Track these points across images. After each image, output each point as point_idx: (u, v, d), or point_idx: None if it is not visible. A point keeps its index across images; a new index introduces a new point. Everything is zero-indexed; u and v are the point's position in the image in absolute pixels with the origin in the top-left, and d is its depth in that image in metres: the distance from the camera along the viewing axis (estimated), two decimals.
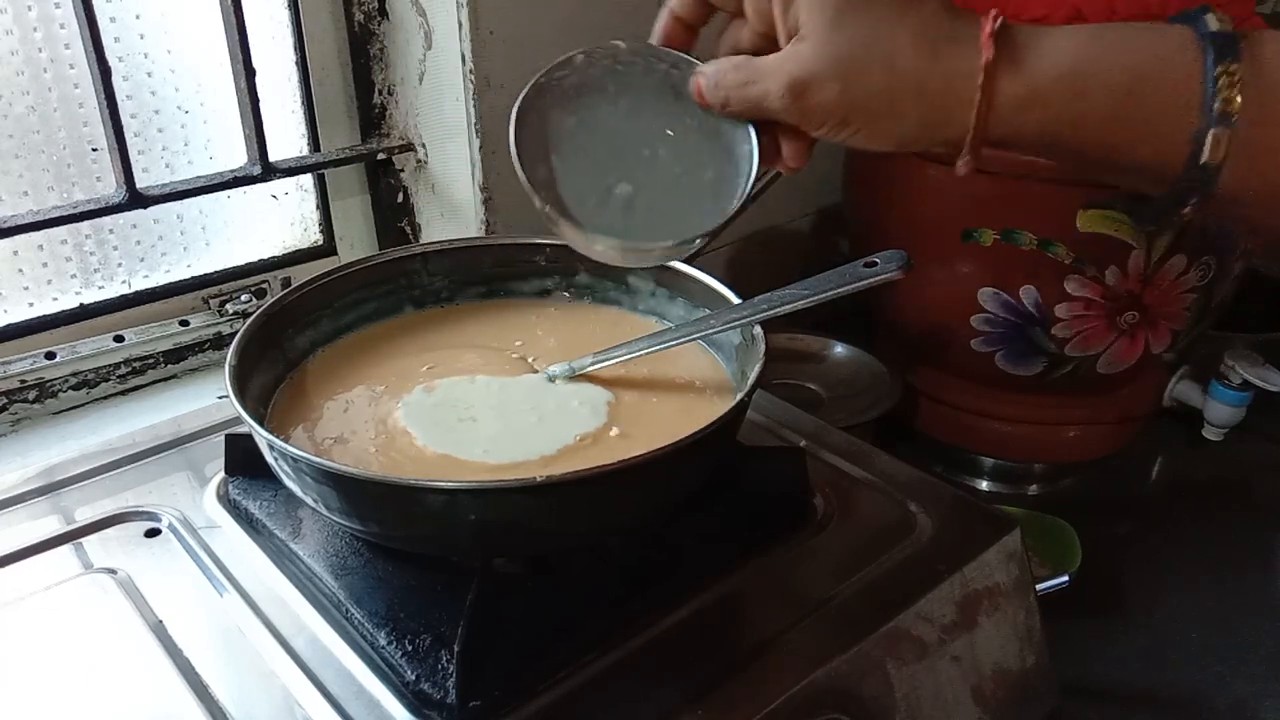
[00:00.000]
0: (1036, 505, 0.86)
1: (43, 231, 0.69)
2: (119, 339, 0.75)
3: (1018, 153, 0.42)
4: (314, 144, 0.81)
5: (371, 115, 0.82)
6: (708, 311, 0.58)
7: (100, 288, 0.75)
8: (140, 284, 0.77)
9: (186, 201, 0.74)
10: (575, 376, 0.56)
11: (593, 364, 0.56)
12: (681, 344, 0.55)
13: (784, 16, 0.41)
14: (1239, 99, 0.37)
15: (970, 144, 0.40)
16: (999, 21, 0.39)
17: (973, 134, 0.40)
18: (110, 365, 0.75)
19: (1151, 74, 0.38)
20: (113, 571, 0.52)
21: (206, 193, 0.73)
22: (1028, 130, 0.40)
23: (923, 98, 0.40)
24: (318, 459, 0.43)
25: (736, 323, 0.53)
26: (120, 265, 0.75)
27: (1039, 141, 0.40)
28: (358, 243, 0.87)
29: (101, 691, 0.45)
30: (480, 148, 0.75)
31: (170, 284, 0.78)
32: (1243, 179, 0.38)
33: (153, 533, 0.56)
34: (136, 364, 0.77)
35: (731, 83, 0.43)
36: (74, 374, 0.74)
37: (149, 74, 0.72)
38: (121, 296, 0.76)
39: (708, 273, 0.59)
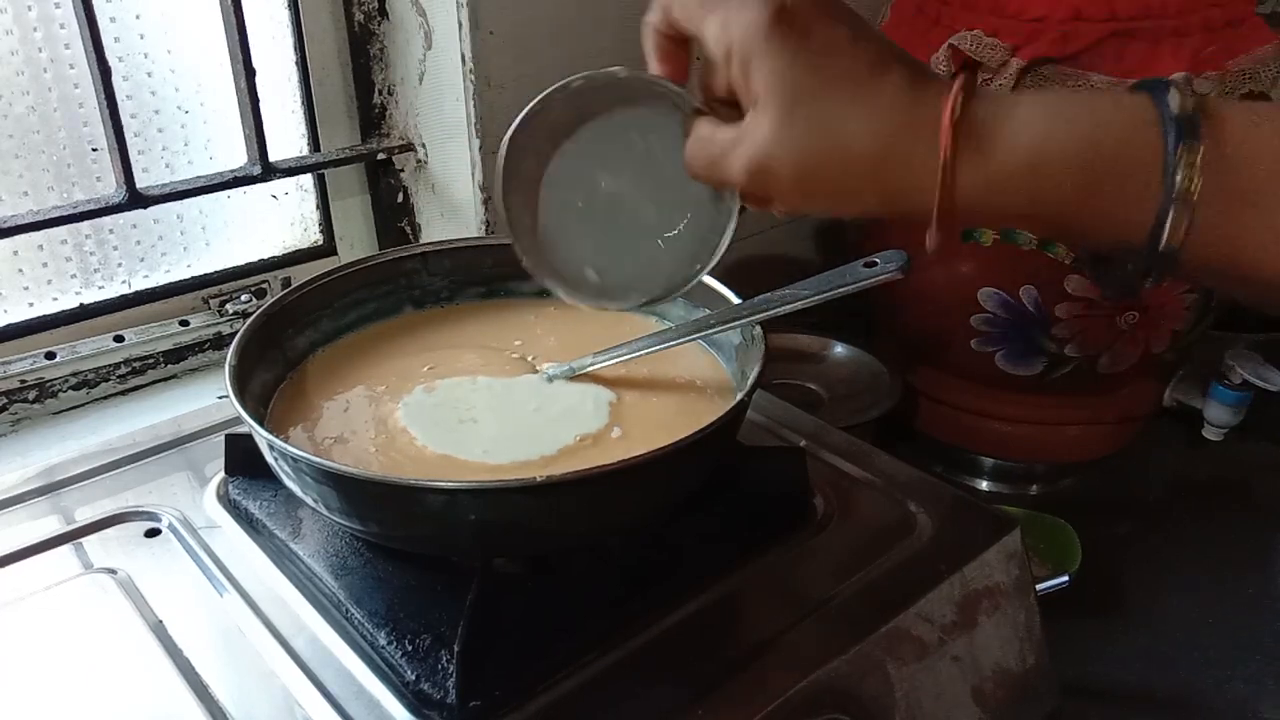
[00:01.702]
0: (1036, 505, 0.86)
1: (43, 231, 0.68)
2: (119, 339, 0.75)
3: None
4: (314, 144, 0.81)
5: (371, 115, 0.82)
6: (708, 312, 0.58)
7: (100, 288, 0.75)
8: (140, 284, 0.77)
9: (186, 201, 0.74)
10: (575, 376, 0.56)
11: (592, 364, 0.56)
12: (681, 344, 0.55)
13: (744, 84, 0.40)
14: (1199, 181, 0.35)
15: (935, 227, 0.39)
16: (958, 101, 0.37)
17: (935, 220, 0.39)
18: (110, 365, 0.75)
19: (1111, 154, 0.37)
20: (113, 571, 0.52)
21: (206, 193, 0.73)
22: (990, 212, 0.40)
23: (879, 181, 0.39)
24: (318, 459, 0.43)
25: (736, 323, 0.53)
26: (120, 265, 0.75)
27: (1001, 220, 0.40)
28: (358, 243, 0.87)
29: (101, 691, 0.45)
30: (480, 148, 0.75)
31: (170, 284, 0.78)
32: (1204, 257, 0.36)
33: (153, 533, 0.56)
34: (136, 364, 0.77)
35: (700, 159, 0.43)
36: (74, 374, 0.74)
37: (149, 74, 0.72)
38: (121, 296, 0.76)
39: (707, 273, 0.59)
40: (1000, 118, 0.38)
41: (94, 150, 0.70)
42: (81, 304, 0.74)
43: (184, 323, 0.78)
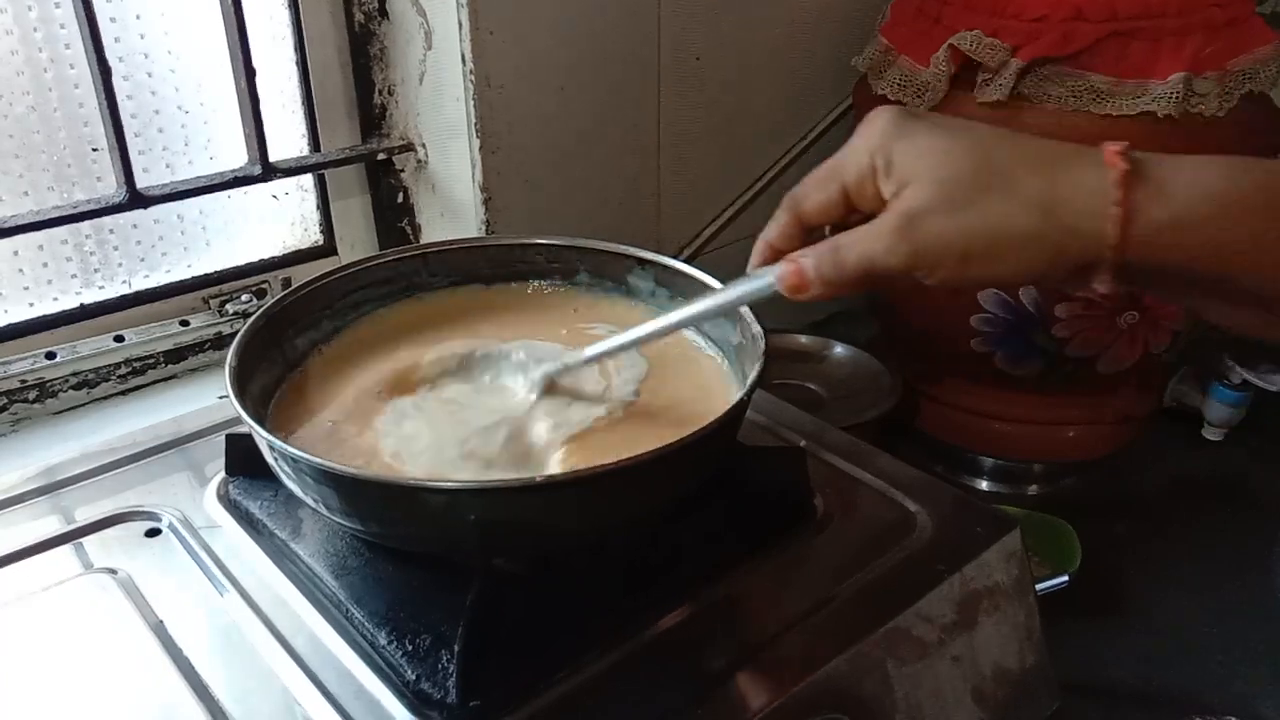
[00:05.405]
0: (1036, 505, 0.86)
1: (43, 231, 0.68)
2: (119, 339, 0.75)
3: (1143, 288, 0.40)
4: (314, 144, 0.81)
5: (372, 115, 0.82)
6: (681, 298, 0.58)
7: (100, 288, 0.75)
8: (140, 284, 0.77)
9: (187, 201, 0.74)
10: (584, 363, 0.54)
11: (591, 352, 0.53)
12: (696, 322, 0.53)
13: (886, 176, 0.40)
14: None
15: (1112, 260, 0.37)
16: (1124, 145, 0.37)
17: (1115, 249, 0.37)
18: (110, 365, 0.75)
19: None
20: (113, 571, 0.52)
21: (207, 193, 0.73)
22: (1170, 257, 0.37)
23: (1049, 215, 0.38)
24: (318, 459, 0.43)
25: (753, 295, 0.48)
26: (120, 265, 0.76)
27: (1178, 268, 0.38)
28: (358, 243, 0.87)
29: (101, 691, 0.45)
30: (480, 148, 0.75)
31: (170, 284, 0.78)
32: None
33: (153, 533, 0.56)
34: (137, 364, 0.77)
35: (842, 246, 0.41)
36: (74, 374, 0.74)
37: (149, 74, 0.72)
38: (122, 296, 0.76)
39: (707, 272, 0.59)
40: (1169, 161, 0.37)
41: (94, 150, 0.70)
42: (82, 304, 0.74)
43: (184, 323, 0.78)
